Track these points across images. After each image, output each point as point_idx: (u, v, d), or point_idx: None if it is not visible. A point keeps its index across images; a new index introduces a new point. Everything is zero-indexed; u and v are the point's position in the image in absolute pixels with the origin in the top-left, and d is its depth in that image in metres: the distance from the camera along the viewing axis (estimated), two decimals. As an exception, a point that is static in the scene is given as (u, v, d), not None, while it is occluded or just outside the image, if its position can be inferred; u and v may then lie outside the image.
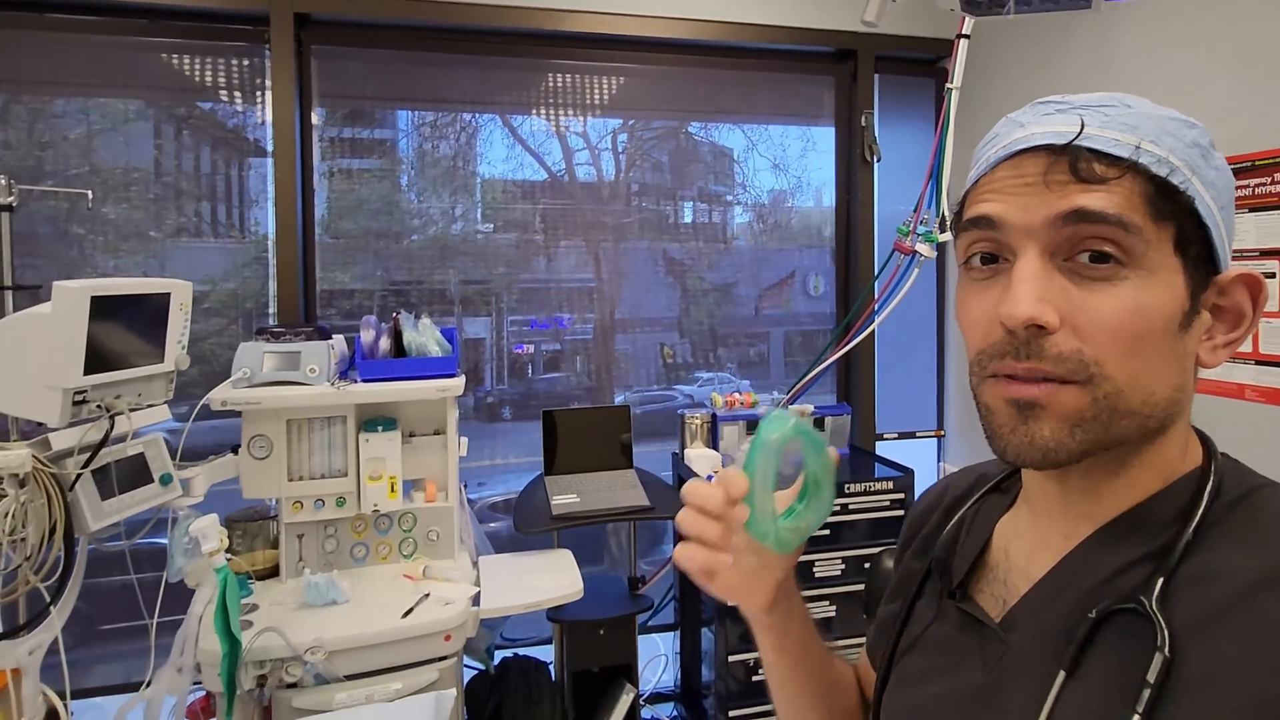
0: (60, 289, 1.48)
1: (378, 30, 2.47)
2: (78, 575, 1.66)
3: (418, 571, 2.02)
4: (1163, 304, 0.51)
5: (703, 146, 2.94)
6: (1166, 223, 0.50)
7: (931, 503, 0.76)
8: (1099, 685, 0.50)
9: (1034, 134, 0.53)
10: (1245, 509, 0.52)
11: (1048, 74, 2.42)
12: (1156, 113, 0.53)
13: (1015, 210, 0.52)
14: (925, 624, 0.66)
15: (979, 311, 0.55)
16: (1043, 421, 0.51)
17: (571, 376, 2.83)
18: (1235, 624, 0.47)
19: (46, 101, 2.31)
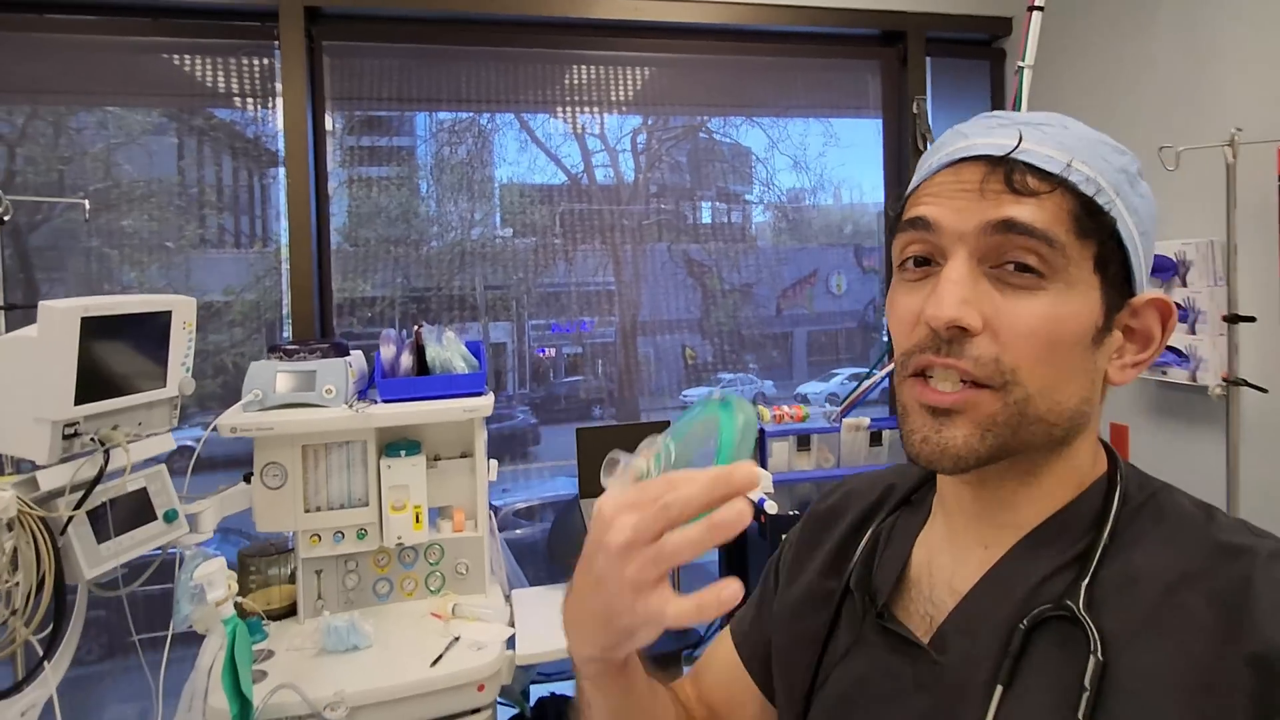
0: (46, 309, 1.31)
1: (391, 23, 2.30)
2: (75, 626, 1.50)
3: (446, 609, 1.84)
4: (1078, 317, 0.53)
5: (723, 145, 2.86)
6: (1089, 240, 0.53)
7: (833, 512, 0.75)
8: (1038, 696, 0.51)
9: (975, 144, 0.56)
10: (1150, 512, 0.56)
11: (1129, 53, 2.20)
12: (1090, 136, 0.56)
13: (950, 214, 0.55)
14: (846, 648, 0.64)
15: (906, 311, 0.56)
16: (957, 427, 0.53)
17: (593, 379, 2.78)
18: (1161, 622, 0.50)
19: (64, 115, 2.25)
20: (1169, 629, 0.49)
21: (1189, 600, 0.50)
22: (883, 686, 0.60)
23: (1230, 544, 0.52)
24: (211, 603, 1.41)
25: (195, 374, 2.34)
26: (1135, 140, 2.16)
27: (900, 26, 2.50)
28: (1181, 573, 0.51)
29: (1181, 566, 0.52)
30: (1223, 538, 0.52)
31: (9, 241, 2.20)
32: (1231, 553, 0.51)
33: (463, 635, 1.74)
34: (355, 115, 2.48)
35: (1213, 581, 0.50)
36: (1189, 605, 0.50)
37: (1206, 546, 0.52)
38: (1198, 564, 0.51)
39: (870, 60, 2.64)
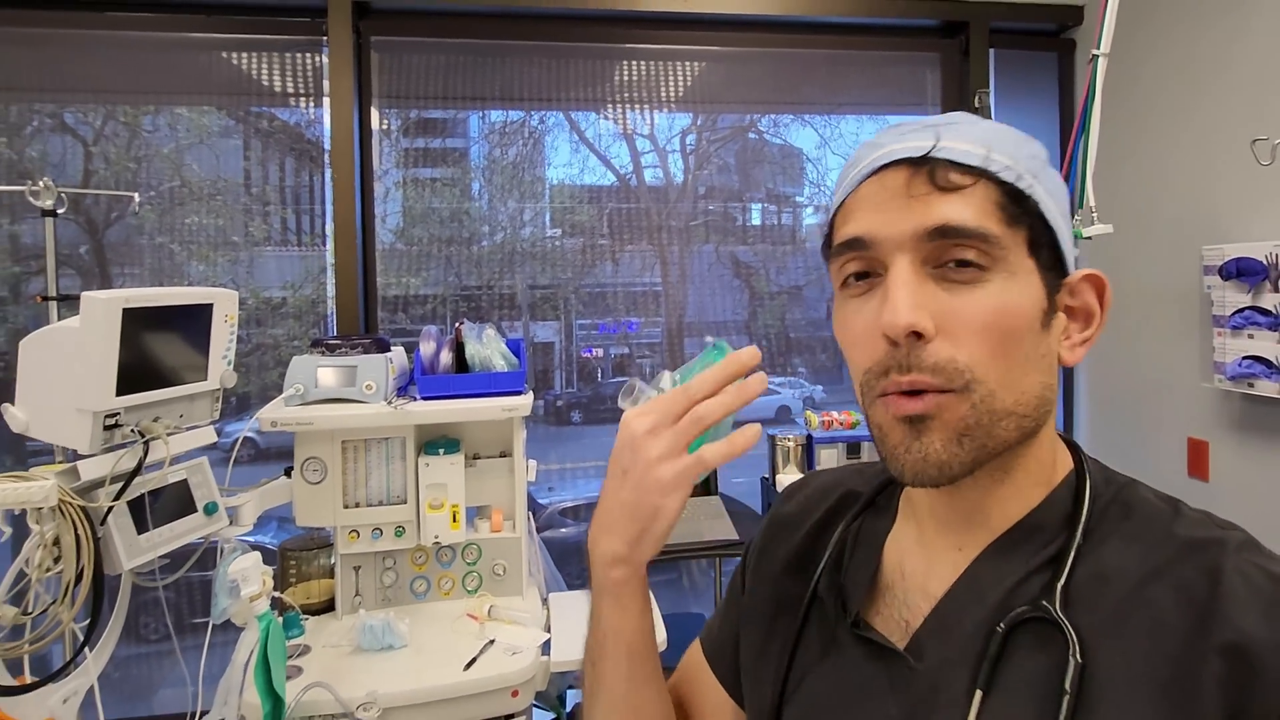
0: (89, 300, 1.32)
1: (439, 18, 2.30)
2: (118, 615, 1.52)
3: (482, 611, 1.81)
4: (1024, 303, 0.54)
5: (772, 146, 2.81)
6: (1019, 227, 0.54)
7: (795, 515, 0.74)
8: (1017, 700, 0.51)
9: (893, 150, 0.55)
10: (1119, 508, 0.56)
11: (1214, 39, 2.06)
12: (1000, 128, 0.57)
13: (882, 225, 0.54)
14: (818, 655, 0.63)
15: (860, 326, 0.56)
16: (933, 435, 0.53)
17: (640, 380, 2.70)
18: (1132, 619, 0.50)
19: (136, 117, 2.36)
20: (1140, 626, 0.50)
21: (1158, 595, 0.50)
22: (858, 694, 0.59)
23: (1197, 537, 0.52)
24: (246, 598, 1.40)
25: (254, 368, 2.43)
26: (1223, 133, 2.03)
27: (962, 16, 2.40)
28: (1150, 568, 0.51)
29: (1150, 562, 0.52)
30: (1189, 531, 0.53)
31: (85, 237, 2.30)
32: (1198, 546, 0.51)
33: (498, 638, 1.71)
34: (410, 116, 2.51)
35: (1180, 575, 0.50)
36: (1158, 601, 0.50)
37: (1173, 541, 0.52)
38: (1165, 559, 0.52)
39: (929, 53, 2.53)
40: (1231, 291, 1.96)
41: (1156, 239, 2.24)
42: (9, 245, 2.28)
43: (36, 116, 2.29)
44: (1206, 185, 2.09)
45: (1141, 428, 2.36)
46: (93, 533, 1.35)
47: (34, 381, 1.38)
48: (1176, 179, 2.19)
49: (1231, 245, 1.95)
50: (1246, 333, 1.92)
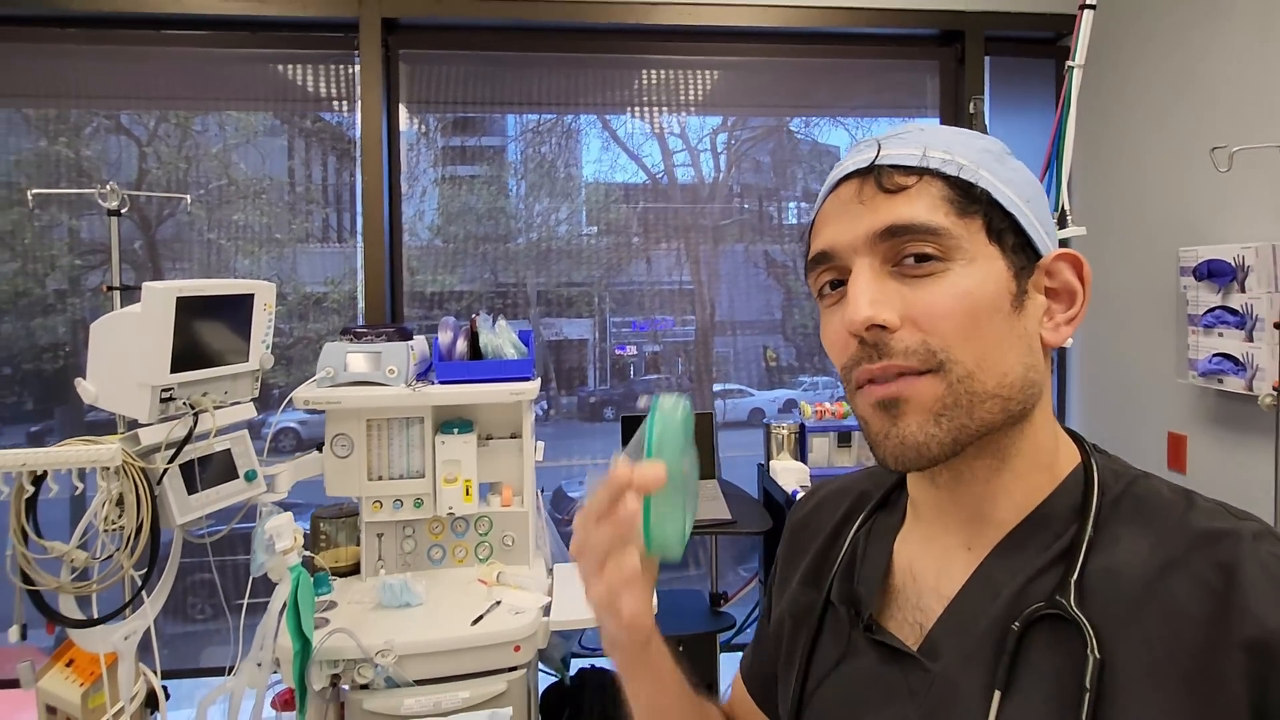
0: (148, 289, 1.52)
1: (465, 32, 2.48)
2: (172, 565, 1.72)
3: (491, 576, 1.99)
4: (986, 287, 0.54)
5: (804, 145, 2.86)
6: (972, 217, 0.55)
7: (808, 522, 0.75)
8: (1037, 699, 0.50)
9: (845, 165, 0.59)
10: (1129, 502, 0.55)
11: (1187, 53, 2.15)
12: (946, 131, 0.59)
13: (840, 234, 0.57)
14: (834, 661, 0.63)
15: (834, 331, 0.58)
16: (908, 417, 0.54)
17: (672, 378, 2.84)
18: (1150, 613, 0.49)
19: (187, 119, 2.54)
20: (1158, 618, 0.49)
21: (1175, 588, 0.49)
22: (875, 698, 0.59)
23: (1212, 528, 0.51)
24: (279, 552, 1.60)
25: (296, 360, 2.62)
26: (1199, 139, 2.12)
27: (958, 26, 2.51)
28: (1165, 561, 0.51)
29: (1165, 555, 0.51)
30: (1204, 523, 0.52)
31: (139, 233, 2.52)
32: (1214, 537, 0.50)
33: (504, 600, 1.88)
34: (448, 117, 2.64)
35: (1197, 567, 0.50)
36: (1175, 593, 0.49)
37: (1188, 532, 0.52)
38: (1180, 551, 0.51)
39: (929, 60, 2.64)
40: (1204, 291, 2.05)
41: (1138, 241, 2.34)
42: (70, 241, 2.50)
43: (95, 118, 2.49)
44: (1183, 189, 2.18)
45: (1126, 422, 2.45)
46: (150, 491, 1.56)
47: (102, 360, 1.59)
48: (1156, 183, 2.28)
49: (1205, 247, 2.03)
50: (1217, 331, 2.01)
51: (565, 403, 2.84)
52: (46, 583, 1.50)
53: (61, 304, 2.50)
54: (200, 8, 2.27)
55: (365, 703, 1.68)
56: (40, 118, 2.46)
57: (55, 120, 2.46)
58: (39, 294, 2.48)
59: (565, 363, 2.79)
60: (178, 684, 1.94)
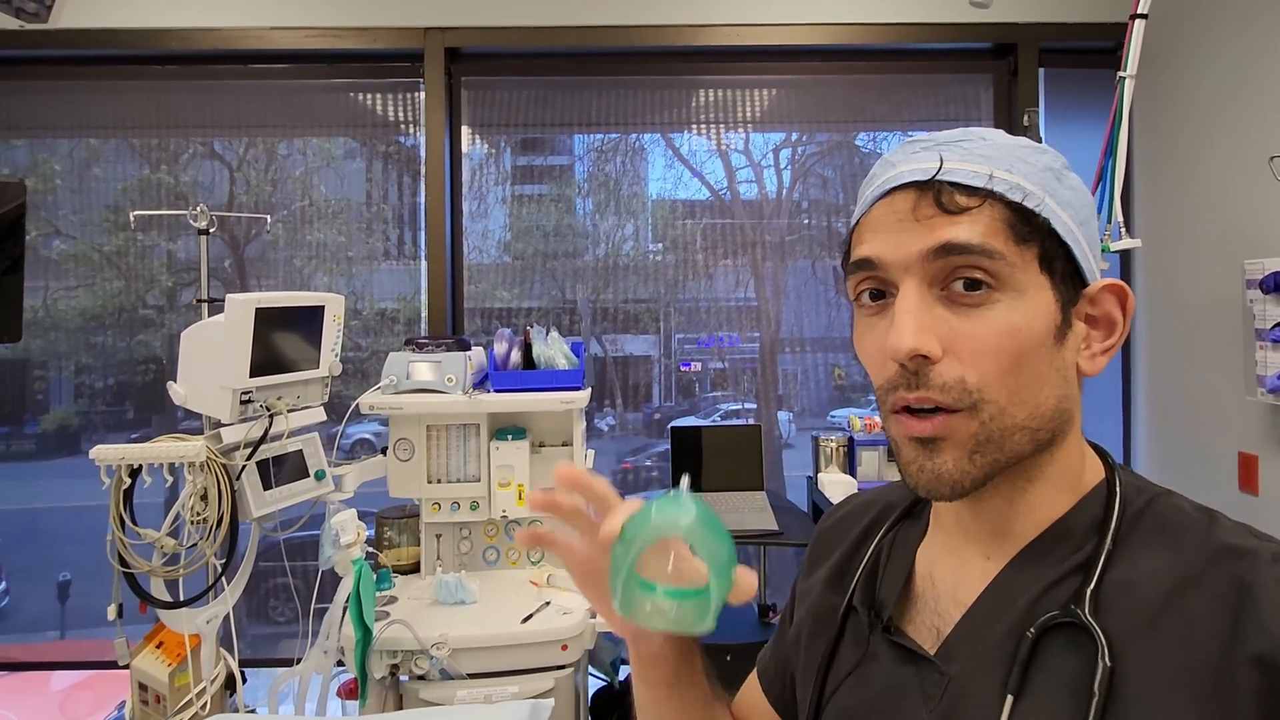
0: (231, 301, 1.67)
1: (522, 59, 2.60)
2: (249, 555, 1.86)
3: (542, 578, 2.06)
4: (1035, 321, 0.54)
5: (871, 160, 2.85)
6: (1029, 245, 0.54)
7: (836, 530, 0.76)
8: (1047, 704, 0.51)
9: (901, 172, 0.57)
10: (1151, 518, 0.55)
11: (1242, 62, 2.09)
12: (1009, 143, 0.57)
13: (890, 248, 0.56)
14: (854, 663, 0.65)
15: (873, 346, 0.58)
16: (944, 454, 0.54)
17: (737, 394, 2.83)
18: (1165, 626, 0.50)
19: (273, 144, 2.73)
20: (1173, 632, 0.50)
21: (1192, 603, 0.50)
22: (892, 699, 0.60)
23: (1232, 546, 0.52)
24: (343, 546, 1.71)
25: (370, 374, 2.76)
26: (1247, 150, 2.06)
27: (1011, 39, 2.49)
28: (1183, 576, 0.51)
29: (1183, 570, 0.51)
30: (1224, 540, 0.52)
31: (229, 252, 2.72)
32: (1233, 555, 0.51)
33: (554, 601, 1.95)
34: (515, 137, 2.75)
35: (1215, 584, 0.50)
36: (1192, 608, 0.50)
37: (1208, 549, 0.52)
38: (1199, 567, 0.51)
39: (983, 74, 2.63)
40: (1271, 305, 1.98)
41: (1200, 253, 2.27)
42: (168, 261, 2.72)
43: (191, 145, 2.71)
44: (1246, 200, 2.11)
45: (1194, 442, 2.37)
46: (230, 486, 1.70)
47: (191, 365, 1.75)
48: (1218, 194, 2.21)
49: (1271, 259, 1.97)
50: (1288, 345, 1.94)
51: (631, 419, 2.87)
52: (140, 566, 1.66)
53: (159, 319, 2.71)
54: (284, 44, 2.46)
55: (421, 692, 1.78)
56: (144, 146, 2.69)
57: (156, 149, 2.70)
58: (141, 311, 2.70)
59: (631, 379, 2.81)
60: (254, 673, 2.08)
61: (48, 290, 2.67)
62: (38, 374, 2.73)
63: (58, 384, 2.75)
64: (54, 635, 2.81)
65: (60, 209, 2.67)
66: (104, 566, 1.66)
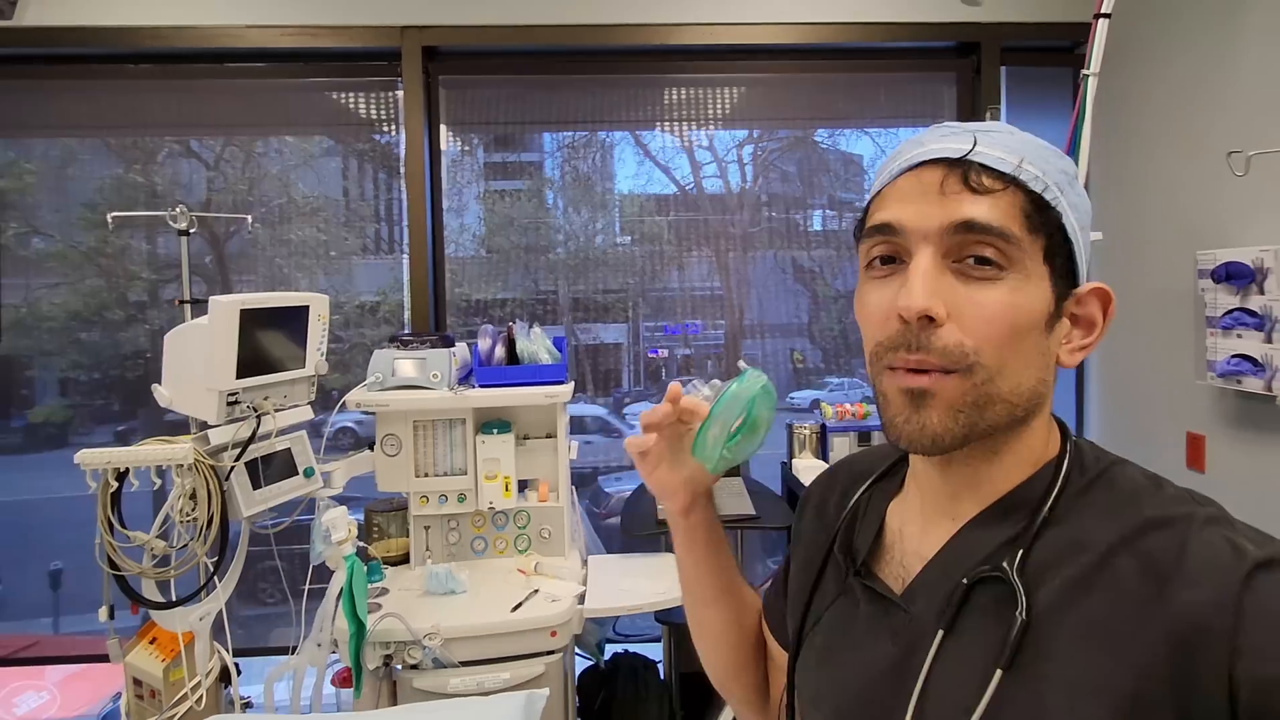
0: (215, 303, 1.69)
1: (499, 58, 2.62)
2: (240, 553, 1.89)
3: (530, 567, 2.12)
4: (1033, 304, 0.58)
5: (830, 155, 2.94)
6: (1039, 235, 0.58)
7: (829, 484, 0.85)
8: (970, 643, 0.58)
9: (932, 149, 0.60)
10: (1103, 484, 0.60)
11: (1203, 59, 2.19)
12: (1033, 141, 0.61)
13: (913, 216, 0.59)
14: (831, 599, 0.72)
15: (876, 305, 0.61)
16: (932, 410, 0.58)
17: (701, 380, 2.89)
18: (1094, 584, 0.54)
19: (249, 143, 2.73)
20: (1100, 590, 0.54)
21: (1122, 564, 0.54)
22: (863, 632, 0.67)
23: (1169, 511, 0.56)
24: (335, 542, 1.75)
25: (351, 365, 2.79)
26: (1217, 143, 2.16)
27: (974, 38, 2.57)
28: (1119, 537, 0.55)
29: (1120, 532, 0.55)
30: (1164, 505, 0.56)
31: (209, 249, 2.71)
32: (1169, 519, 0.55)
33: (541, 589, 2.01)
34: (489, 135, 2.79)
35: (1147, 546, 0.54)
36: (1121, 568, 0.54)
37: (1147, 513, 0.56)
38: (1135, 529, 0.55)
39: (947, 72, 2.71)
40: (1222, 294, 2.08)
41: (1156, 245, 2.37)
42: (148, 258, 2.71)
43: (167, 145, 2.70)
44: (1201, 194, 2.22)
45: (1144, 422, 2.49)
46: (220, 486, 1.72)
47: (175, 367, 1.76)
48: (1174, 188, 2.32)
49: (1223, 250, 2.07)
50: (1235, 333, 2.04)
51: (601, 402, 2.97)
52: (130, 568, 1.68)
53: (141, 315, 2.71)
54: (259, 42, 2.46)
55: (415, 681, 1.83)
56: (119, 145, 2.67)
57: (132, 148, 2.68)
58: (121, 307, 2.69)
59: (601, 365, 2.90)
60: (248, 662, 2.11)
61: (29, 289, 2.67)
62: (24, 371, 2.75)
63: (44, 379, 2.77)
64: (47, 622, 2.87)
65: (39, 209, 2.66)
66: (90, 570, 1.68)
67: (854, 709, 0.66)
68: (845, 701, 0.67)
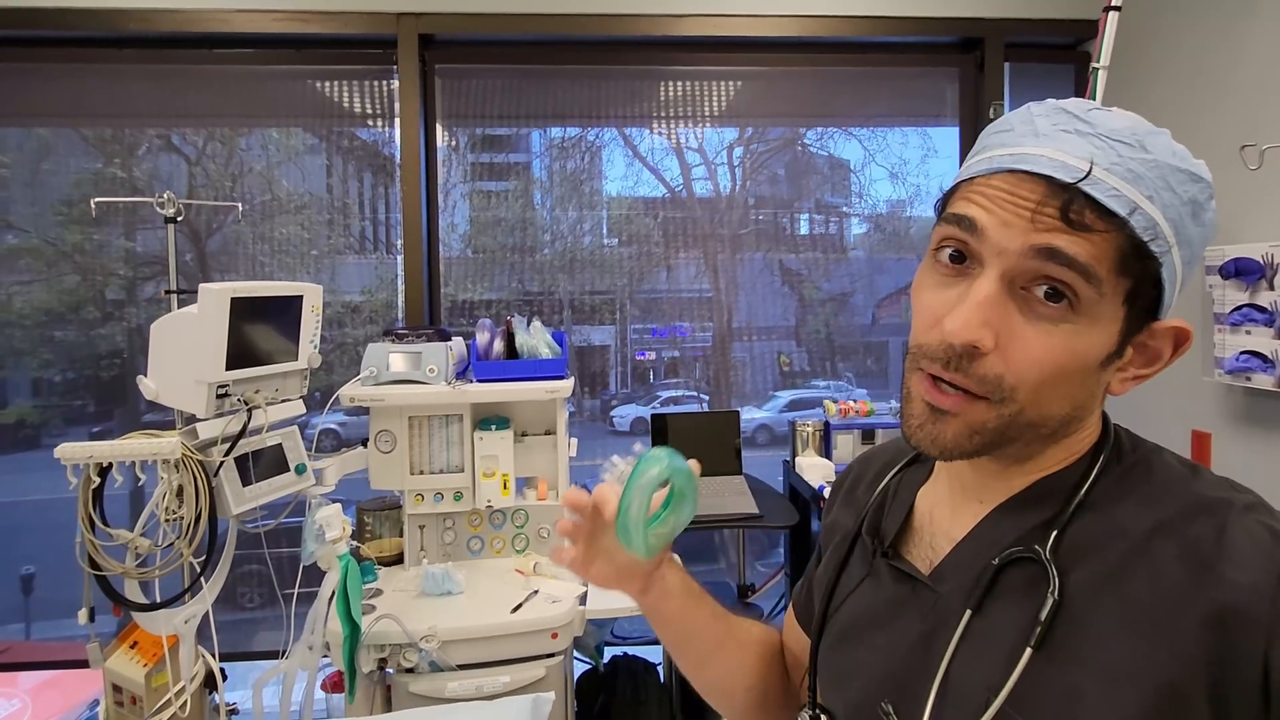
0: (204, 290, 1.61)
1: (496, 47, 2.57)
2: (228, 553, 1.81)
3: (529, 567, 2.06)
4: (1092, 349, 0.55)
5: (819, 158, 2.93)
6: (1126, 278, 0.53)
7: (856, 475, 0.84)
8: (999, 623, 0.57)
9: (1043, 155, 0.54)
10: (1140, 470, 0.59)
11: (1215, 51, 2.18)
12: (1167, 162, 0.53)
13: (998, 226, 0.54)
14: (858, 580, 0.72)
15: (930, 306, 0.58)
16: (949, 426, 0.57)
17: (690, 382, 2.92)
18: (1132, 569, 0.53)
19: (233, 138, 2.65)
20: (1138, 575, 0.53)
21: (1161, 549, 0.53)
22: (889, 611, 0.67)
23: (1208, 497, 0.55)
24: (329, 541, 1.68)
25: (336, 364, 2.71)
26: (1225, 139, 2.14)
27: (978, 33, 2.54)
28: (1157, 523, 0.54)
29: (1158, 518, 0.55)
30: (1202, 491, 0.55)
31: (190, 245, 2.63)
32: (1208, 506, 0.54)
33: (541, 590, 1.95)
34: (477, 133, 2.74)
35: (1187, 532, 0.53)
36: (1160, 553, 0.53)
37: (1185, 500, 0.55)
38: (1175, 515, 0.54)
39: (949, 68, 2.68)
40: (1231, 290, 2.07)
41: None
42: (125, 255, 2.61)
43: (148, 139, 2.61)
44: (1208, 189, 2.20)
45: (1148, 420, 2.46)
46: (208, 483, 1.65)
47: (162, 358, 1.69)
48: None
49: (1231, 246, 2.06)
50: (1244, 329, 2.03)
51: (589, 405, 2.93)
52: (112, 568, 1.60)
53: (119, 313, 2.62)
54: (248, 27, 2.38)
55: (411, 686, 1.76)
56: (97, 138, 2.59)
57: (111, 141, 2.59)
58: (97, 305, 2.60)
59: (589, 367, 2.87)
60: (233, 666, 2.03)
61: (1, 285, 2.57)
62: None
63: (15, 380, 2.68)
64: (19, 628, 2.78)
65: (13, 203, 2.56)
66: (69, 559, 1.60)
67: (878, 688, 0.64)
68: (869, 680, 0.66)
